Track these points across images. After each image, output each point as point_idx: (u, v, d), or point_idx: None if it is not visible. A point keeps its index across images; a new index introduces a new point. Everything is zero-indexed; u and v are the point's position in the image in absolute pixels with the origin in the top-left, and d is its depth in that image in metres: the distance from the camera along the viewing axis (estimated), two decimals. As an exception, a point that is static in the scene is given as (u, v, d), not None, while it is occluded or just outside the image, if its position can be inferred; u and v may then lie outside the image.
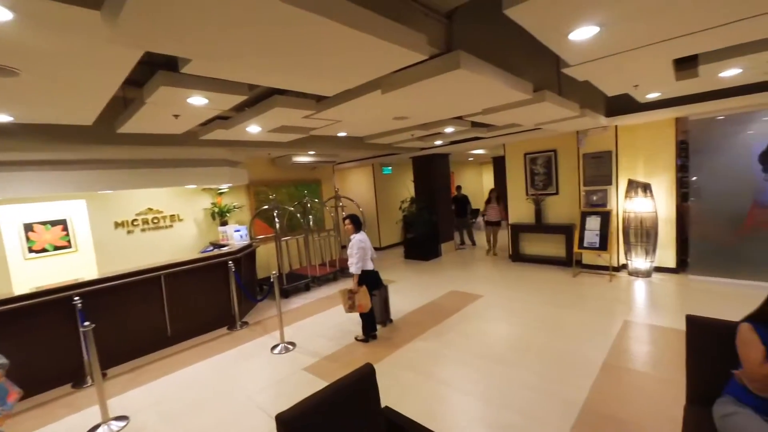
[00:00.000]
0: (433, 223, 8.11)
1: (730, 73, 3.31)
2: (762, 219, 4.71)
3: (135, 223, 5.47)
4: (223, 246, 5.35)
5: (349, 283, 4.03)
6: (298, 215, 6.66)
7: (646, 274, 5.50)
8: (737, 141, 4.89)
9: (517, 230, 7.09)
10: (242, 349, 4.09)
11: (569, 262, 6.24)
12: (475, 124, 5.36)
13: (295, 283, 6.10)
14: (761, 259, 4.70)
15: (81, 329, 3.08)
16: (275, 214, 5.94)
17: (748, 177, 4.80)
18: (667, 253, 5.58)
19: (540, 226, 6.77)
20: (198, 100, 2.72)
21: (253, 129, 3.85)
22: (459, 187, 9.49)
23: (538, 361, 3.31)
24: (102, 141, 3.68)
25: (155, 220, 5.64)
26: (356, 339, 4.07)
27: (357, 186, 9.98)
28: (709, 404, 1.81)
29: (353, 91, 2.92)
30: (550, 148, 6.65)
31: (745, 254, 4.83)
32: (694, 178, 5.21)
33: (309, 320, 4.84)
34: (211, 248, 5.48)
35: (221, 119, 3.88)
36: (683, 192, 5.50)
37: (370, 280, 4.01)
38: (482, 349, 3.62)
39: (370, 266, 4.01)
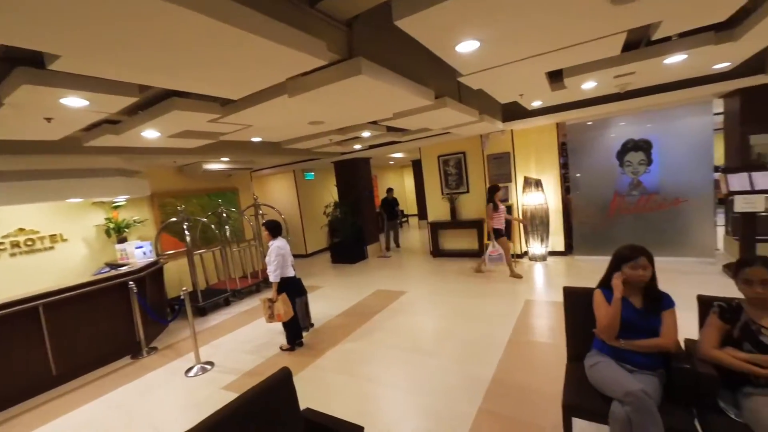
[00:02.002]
0: (358, 226, 8.23)
1: (589, 85, 4.00)
2: (622, 205, 5.77)
3: (1, 248, 4.56)
4: (123, 266, 4.75)
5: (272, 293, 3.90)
6: (213, 226, 6.22)
7: (543, 258, 6.31)
8: (602, 142, 5.90)
9: (436, 227, 7.57)
10: (150, 378, 3.68)
11: (482, 253, 6.84)
12: (390, 129, 5.61)
13: (213, 299, 5.67)
14: (624, 237, 5.72)
15: None
16: (185, 227, 5.46)
17: (610, 171, 5.82)
18: (557, 239, 6.47)
19: (455, 222, 7.32)
20: (75, 101, 2.41)
21: (151, 134, 3.52)
22: (390, 190, 9.33)
23: (454, 347, 3.58)
24: (-55, 149, 3.03)
25: (29, 243, 4.77)
26: (281, 349, 3.94)
27: (278, 193, 9.66)
28: (583, 359, 2.17)
29: (261, 94, 2.86)
30: (459, 150, 7.24)
31: (613, 234, 5.85)
32: (578, 175, 6.13)
33: (229, 336, 4.55)
34: (107, 269, 4.82)
35: (110, 123, 3.46)
36: (566, 186, 6.45)
37: (292, 287, 3.92)
38: (406, 343, 3.80)
39: (291, 273, 3.90)
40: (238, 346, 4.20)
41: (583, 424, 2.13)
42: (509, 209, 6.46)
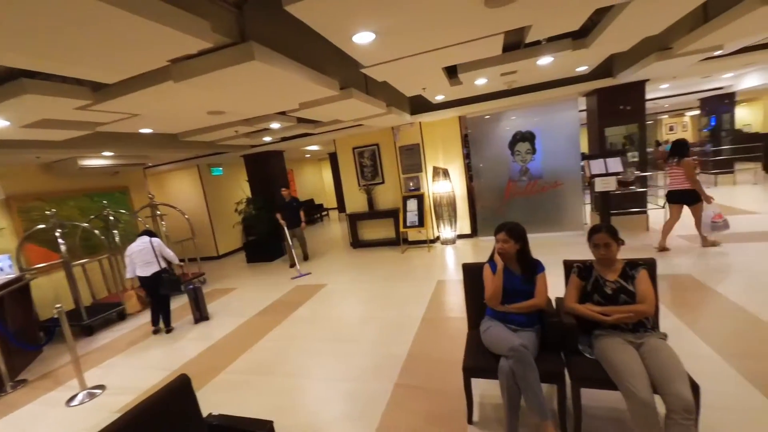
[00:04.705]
0: (275, 221, 7.88)
1: (481, 81, 4.42)
2: (514, 190, 6.55)
3: None
4: (-31, 287, 3.84)
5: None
6: (97, 232, 5.38)
7: (453, 242, 6.85)
8: (497, 133, 6.57)
9: (355, 219, 7.66)
10: (17, 416, 3.07)
11: (398, 241, 7.16)
12: (301, 120, 5.46)
13: (102, 315, 4.93)
14: (516, 218, 6.36)
15: None
16: (58, 234, 4.62)
17: (504, 160, 6.54)
18: (464, 223, 7.07)
19: (373, 212, 7.49)
20: None
21: (-5, 123, 2.88)
22: (285, 188, 7.16)
23: (373, 331, 3.70)
24: None
25: None
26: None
27: (181, 191, 8.76)
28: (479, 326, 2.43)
29: (142, 79, 2.54)
30: (373, 142, 7.39)
31: (509, 216, 6.60)
32: (481, 165, 6.73)
33: (125, 354, 4.02)
34: (-54, 294, 3.85)
35: (-69, 109, 2.74)
36: (470, 174, 7.05)
37: (147, 284, 4.44)
38: (326, 333, 3.81)
39: (144, 272, 4.39)
40: (137, 363, 3.75)
41: (482, 384, 2.42)
42: (421, 197, 6.84)
